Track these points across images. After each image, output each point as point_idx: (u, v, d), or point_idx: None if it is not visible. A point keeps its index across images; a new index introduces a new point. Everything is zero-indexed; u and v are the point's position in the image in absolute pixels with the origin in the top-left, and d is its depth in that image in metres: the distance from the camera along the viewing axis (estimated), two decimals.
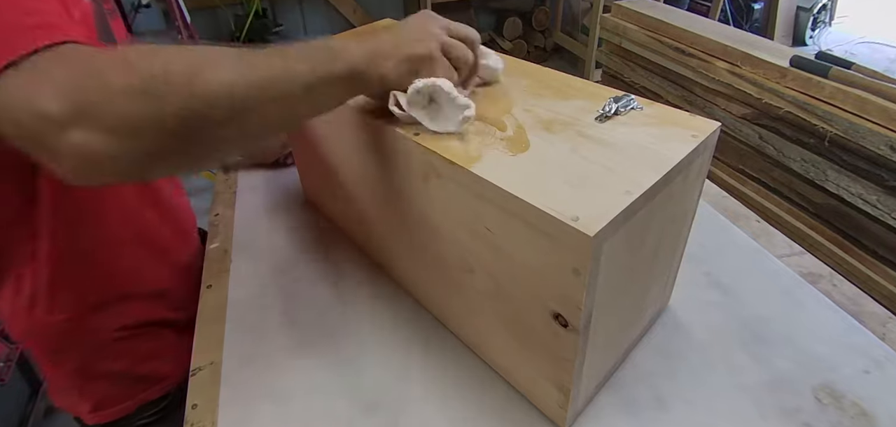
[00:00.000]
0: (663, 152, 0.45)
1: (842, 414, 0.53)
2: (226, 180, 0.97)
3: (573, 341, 0.43)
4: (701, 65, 1.63)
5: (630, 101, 0.53)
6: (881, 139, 1.20)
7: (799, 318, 0.63)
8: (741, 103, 1.53)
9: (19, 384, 1.43)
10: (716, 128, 0.49)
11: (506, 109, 0.55)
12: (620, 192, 0.41)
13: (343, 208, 0.78)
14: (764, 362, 0.58)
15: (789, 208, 1.50)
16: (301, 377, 0.59)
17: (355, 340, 0.63)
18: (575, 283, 0.40)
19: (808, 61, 1.36)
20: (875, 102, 1.21)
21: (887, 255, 1.29)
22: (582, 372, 0.47)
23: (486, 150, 0.48)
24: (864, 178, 1.27)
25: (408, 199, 0.58)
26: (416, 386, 0.58)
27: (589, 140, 0.48)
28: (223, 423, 0.55)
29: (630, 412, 0.54)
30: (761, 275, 0.70)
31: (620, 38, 1.98)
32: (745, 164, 1.60)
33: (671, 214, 0.50)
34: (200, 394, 0.58)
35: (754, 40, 1.58)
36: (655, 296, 0.59)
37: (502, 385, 0.57)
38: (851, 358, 0.58)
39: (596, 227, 0.37)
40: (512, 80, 0.62)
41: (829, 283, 0.68)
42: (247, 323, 0.67)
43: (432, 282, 0.62)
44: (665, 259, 0.56)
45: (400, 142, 0.53)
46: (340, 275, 0.73)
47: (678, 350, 0.60)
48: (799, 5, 3.68)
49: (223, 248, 0.80)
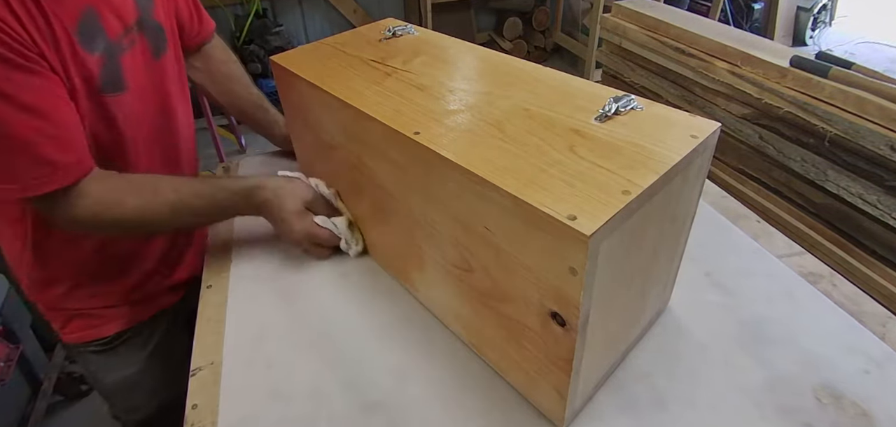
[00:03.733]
0: (663, 152, 0.45)
1: (842, 414, 0.53)
2: None
3: (571, 341, 0.43)
4: (701, 65, 1.62)
5: (630, 100, 0.53)
6: (881, 139, 1.19)
7: (799, 318, 0.63)
8: (741, 103, 1.53)
9: (19, 384, 1.43)
10: (716, 128, 0.49)
11: (505, 109, 0.55)
12: (618, 192, 0.41)
13: (342, 207, 0.78)
14: (764, 362, 0.58)
15: (789, 208, 1.50)
16: (301, 377, 0.59)
17: (355, 340, 0.63)
18: (572, 282, 0.40)
19: (808, 61, 1.35)
20: (875, 102, 1.20)
21: (887, 255, 1.29)
22: (580, 371, 0.47)
23: (485, 149, 0.48)
24: (864, 178, 1.27)
25: (408, 199, 0.59)
26: (415, 386, 0.58)
27: (588, 140, 0.48)
28: (223, 423, 0.55)
29: (630, 412, 0.54)
30: (761, 275, 0.70)
31: (620, 38, 1.98)
32: (745, 164, 1.60)
33: (671, 214, 0.50)
34: (200, 394, 0.58)
35: (754, 40, 1.57)
36: (655, 296, 0.59)
37: (501, 384, 0.57)
38: (851, 358, 0.58)
39: (593, 226, 0.37)
40: (512, 80, 0.62)
41: (829, 283, 0.68)
42: (247, 323, 0.67)
43: (432, 281, 0.62)
44: (665, 259, 0.56)
45: (400, 142, 0.53)
46: (341, 274, 0.74)
47: (678, 350, 0.60)
48: (799, 5, 3.67)
49: (223, 248, 0.80)
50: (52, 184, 0.60)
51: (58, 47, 0.60)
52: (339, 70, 0.68)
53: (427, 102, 0.58)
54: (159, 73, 0.76)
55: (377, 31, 0.80)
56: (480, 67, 0.66)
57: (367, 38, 0.78)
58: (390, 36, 0.77)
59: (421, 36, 0.77)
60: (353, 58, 0.71)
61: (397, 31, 0.78)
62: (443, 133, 0.51)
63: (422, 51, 0.71)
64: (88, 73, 0.64)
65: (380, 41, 0.76)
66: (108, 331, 0.81)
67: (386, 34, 0.78)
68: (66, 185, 0.61)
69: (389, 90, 0.61)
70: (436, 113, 0.55)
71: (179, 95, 0.82)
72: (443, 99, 0.58)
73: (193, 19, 0.87)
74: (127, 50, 0.70)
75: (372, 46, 0.75)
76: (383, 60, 0.69)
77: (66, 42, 0.61)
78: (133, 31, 0.71)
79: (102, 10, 0.66)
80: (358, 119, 0.59)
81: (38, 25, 0.57)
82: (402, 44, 0.75)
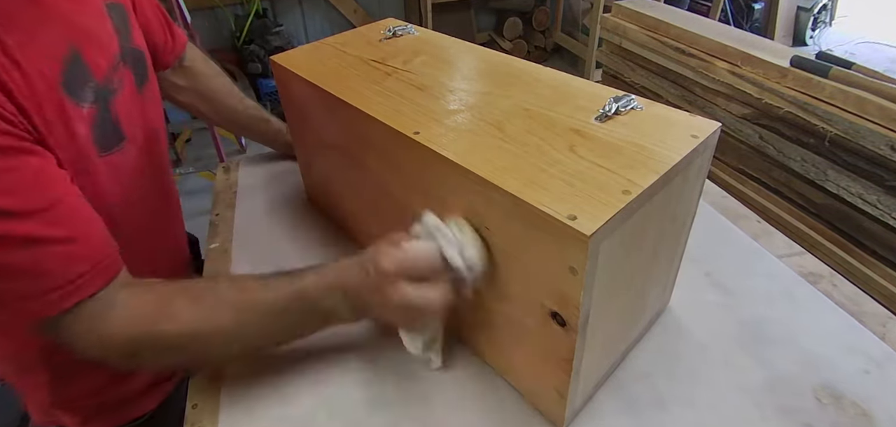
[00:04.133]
0: (663, 152, 0.45)
1: (842, 414, 0.53)
2: (226, 180, 0.97)
3: (571, 341, 0.43)
4: (701, 65, 1.62)
5: (630, 100, 0.53)
6: (881, 139, 1.19)
7: (799, 318, 0.63)
8: (741, 103, 1.53)
9: None
10: (716, 128, 0.49)
11: (505, 109, 0.55)
12: (618, 192, 0.41)
13: (344, 206, 0.78)
14: (764, 362, 0.58)
15: (789, 208, 1.50)
16: (302, 377, 0.59)
17: (356, 340, 0.63)
18: (572, 282, 0.40)
19: (808, 61, 1.35)
20: (875, 102, 1.21)
21: (887, 255, 1.29)
22: (580, 371, 0.47)
23: (485, 149, 0.48)
24: (865, 178, 1.27)
25: (408, 199, 0.59)
26: (416, 385, 0.58)
27: (588, 139, 0.48)
28: (223, 423, 0.55)
29: (630, 412, 0.54)
30: (761, 275, 0.69)
31: (620, 38, 1.98)
32: (745, 164, 1.60)
33: (671, 214, 0.50)
34: (200, 394, 0.58)
35: (754, 40, 1.58)
36: (655, 296, 0.59)
37: (501, 384, 0.57)
38: (851, 358, 0.58)
39: (593, 226, 0.37)
40: (512, 80, 0.62)
41: (829, 283, 0.68)
42: None
43: None
44: (665, 259, 0.56)
45: (400, 141, 0.53)
46: None
47: (678, 350, 0.60)
48: (799, 5, 3.67)
49: (223, 248, 0.80)
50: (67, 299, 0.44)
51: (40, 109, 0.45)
52: (339, 70, 0.68)
53: (427, 102, 0.58)
54: (144, 112, 0.64)
55: (377, 31, 0.80)
56: (480, 67, 0.66)
57: (367, 38, 0.78)
58: (391, 36, 0.77)
59: (421, 36, 0.77)
60: (353, 58, 0.71)
61: (398, 30, 0.78)
62: (443, 133, 0.51)
63: (422, 51, 0.71)
64: (80, 132, 0.50)
65: (380, 41, 0.76)
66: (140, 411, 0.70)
67: (386, 34, 0.78)
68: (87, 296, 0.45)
69: (390, 90, 0.61)
70: (436, 113, 0.55)
71: (162, 130, 0.71)
72: (443, 99, 0.58)
73: (166, 34, 0.76)
74: (118, 91, 0.57)
75: (372, 46, 0.75)
76: (383, 60, 0.69)
77: (52, 101, 0.46)
78: (119, 67, 0.58)
79: (85, 48, 0.52)
80: (358, 119, 0.59)
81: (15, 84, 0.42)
82: (403, 44, 0.75)
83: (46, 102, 0.46)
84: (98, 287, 0.46)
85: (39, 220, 0.43)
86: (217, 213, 0.88)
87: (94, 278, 0.46)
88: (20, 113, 0.43)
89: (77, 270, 0.45)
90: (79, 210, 0.47)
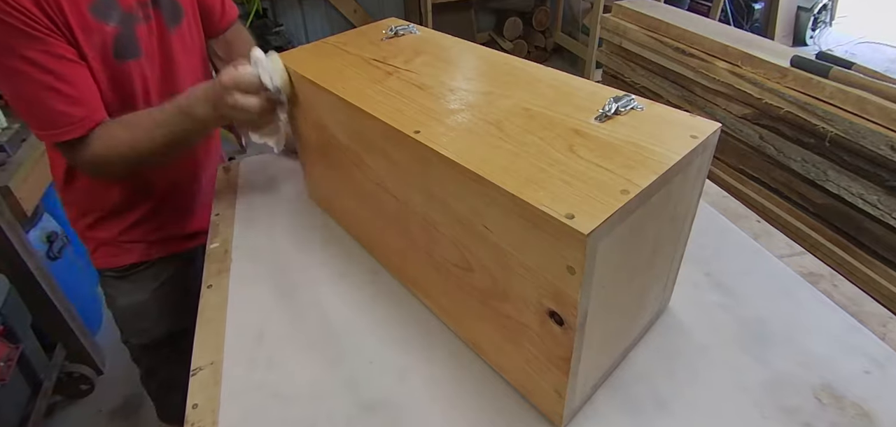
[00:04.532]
0: (662, 152, 0.45)
1: (842, 414, 0.52)
2: (226, 180, 0.98)
3: (569, 340, 0.43)
4: (701, 65, 1.62)
5: (630, 100, 0.53)
6: (881, 139, 1.19)
7: (799, 318, 0.63)
8: (741, 103, 1.53)
9: (19, 384, 1.43)
10: (716, 128, 0.49)
11: (505, 109, 0.55)
12: (617, 192, 0.41)
13: (345, 204, 0.78)
14: (764, 362, 0.58)
15: (789, 208, 1.50)
16: (301, 377, 0.59)
17: (356, 340, 0.63)
18: (570, 281, 0.40)
19: (808, 61, 1.35)
20: (875, 102, 1.20)
21: (887, 255, 1.29)
22: (578, 371, 0.47)
23: (485, 148, 0.48)
24: (865, 178, 1.27)
25: (408, 197, 0.59)
26: (416, 385, 0.58)
27: (588, 139, 0.48)
28: (223, 423, 0.55)
29: (629, 412, 0.54)
30: (761, 275, 0.69)
31: (621, 38, 1.98)
32: (746, 164, 1.60)
33: (670, 214, 0.50)
34: (200, 394, 0.58)
35: (754, 40, 1.57)
36: (655, 296, 0.59)
37: (501, 383, 0.57)
38: (851, 358, 0.58)
39: (591, 225, 0.37)
40: (512, 80, 0.62)
41: (830, 283, 0.68)
42: (247, 323, 0.67)
43: (432, 280, 0.62)
44: (665, 259, 0.56)
45: (401, 140, 0.53)
46: (341, 274, 0.73)
47: (678, 350, 0.60)
48: (799, 5, 3.67)
49: (223, 248, 0.80)
50: (66, 135, 0.70)
51: (65, 20, 0.68)
52: (340, 69, 0.68)
53: (428, 101, 0.58)
54: (169, 44, 0.83)
55: (378, 31, 0.80)
56: (481, 67, 0.66)
57: (368, 38, 0.78)
58: (392, 35, 0.77)
59: (422, 35, 0.77)
60: (354, 57, 0.71)
61: (399, 30, 0.78)
62: (443, 132, 0.51)
63: (423, 50, 0.72)
64: (102, 41, 0.72)
65: (381, 40, 0.76)
66: (124, 261, 0.94)
67: (388, 33, 0.78)
68: (78, 136, 0.70)
69: (390, 89, 0.61)
70: (436, 112, 0.55)
71: (187, 67, 0.87)
72: (443, 98, 0.58)
73: (215, 4, 0.94)
74: (142, 22, 0.78)
75: (373, 46, 0.75)
76: (385, 60, 0.69)
77: (77, 15, 0.69)
78: (148, 6, 0.79)
79: None
80: (359, 117, 0.59)
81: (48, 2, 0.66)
82: (404, 43, 0.75)
83: (72, 16, 0.68)
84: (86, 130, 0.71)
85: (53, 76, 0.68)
86: (217, 213, 0.88)
87: (83, 123, 0.71)
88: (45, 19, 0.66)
89: (77, 113, 0.70)
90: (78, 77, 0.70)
